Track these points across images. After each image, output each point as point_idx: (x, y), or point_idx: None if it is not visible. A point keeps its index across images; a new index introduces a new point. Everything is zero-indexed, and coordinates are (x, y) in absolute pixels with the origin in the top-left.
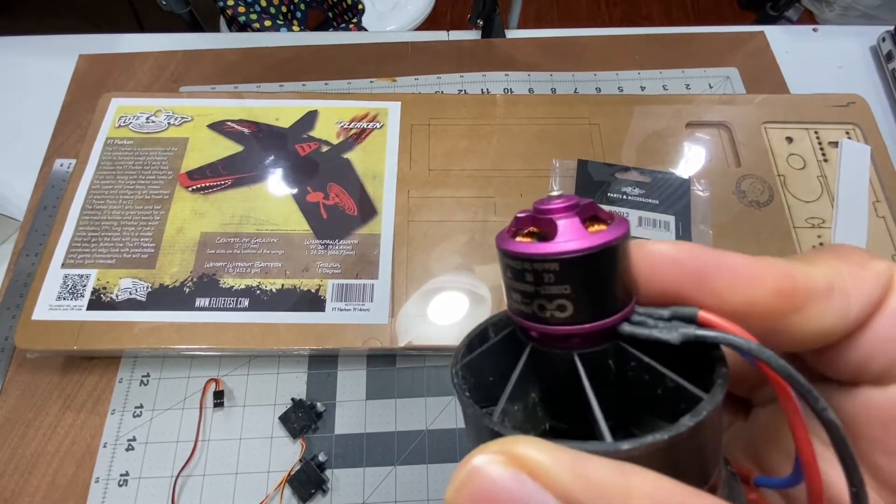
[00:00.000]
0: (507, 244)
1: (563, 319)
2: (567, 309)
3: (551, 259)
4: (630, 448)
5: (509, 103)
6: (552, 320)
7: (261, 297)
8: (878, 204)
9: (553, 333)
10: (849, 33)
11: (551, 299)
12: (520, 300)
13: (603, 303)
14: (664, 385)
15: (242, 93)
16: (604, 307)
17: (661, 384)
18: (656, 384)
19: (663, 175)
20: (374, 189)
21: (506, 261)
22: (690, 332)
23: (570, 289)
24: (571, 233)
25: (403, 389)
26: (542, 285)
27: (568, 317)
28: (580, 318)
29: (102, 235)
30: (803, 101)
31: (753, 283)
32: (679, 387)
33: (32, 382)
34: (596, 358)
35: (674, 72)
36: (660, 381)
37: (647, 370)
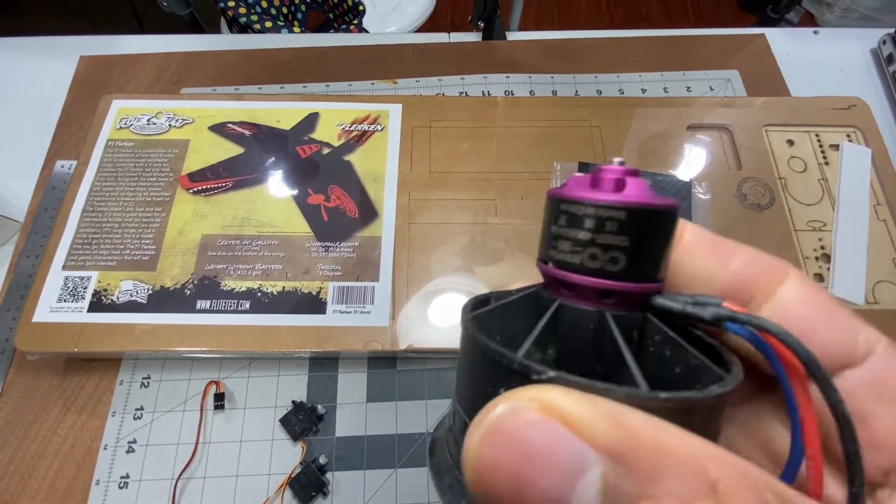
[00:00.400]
0: (574, 189)
1: (610, 273)
2: (619, 262)
3: (622, 207)
4: (666, 398)
5: (510, 105)
6: (598, 272)
7: (262, 300)
8: (878, 207)
9: (595, 286)
10: (849, 36)
11: (606, 249)
12: (568, 248)
13: (652, 266)
14: (685, 363)
15: (243, 94)
16: (651, 270)
17: (682, 362)
18: (676, 361)
19: (664, 178)
20: (375, 191)
21: (564, 206)
22: (723, 311)
23: (629, 241)
24: (640, 190)
25: (404, 392)
26: (602, 233)
27: (617, 271)
28: (629, 274)
29: (103, 237)
30: (804, 103)
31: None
32: (701, 366)
33: (33, 384)
34: (624, 323)
35: (675, 74)
36: (681, 359)
37: (671, 346)
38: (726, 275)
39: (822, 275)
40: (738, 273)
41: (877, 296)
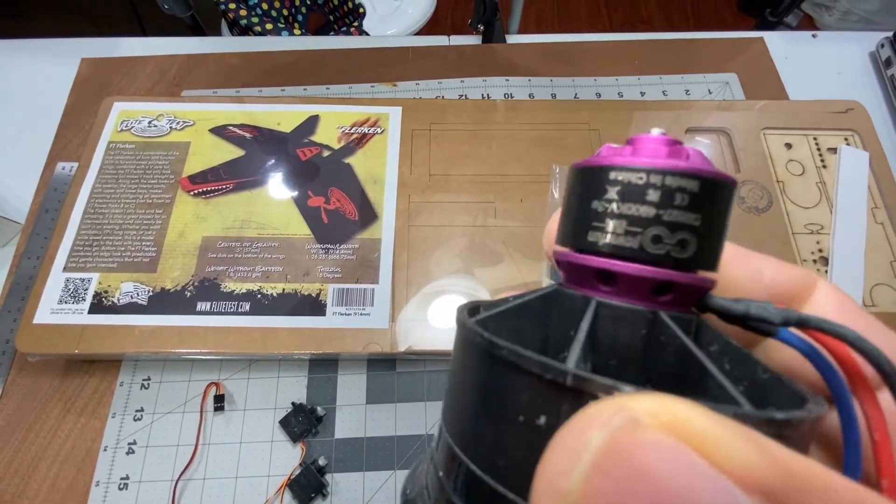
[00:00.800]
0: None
1: (677, 261)
2: (688, 247)
3: (695, 175)
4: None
5: (510, 108)
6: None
7: (262, 302)
8: (876, 210)
9: (656, 278)
10: (848, 39)
11: (675, 230)
12: (623, 229)
13: (717, 254)
14: (752, 378)
15: (244, 97)
16: (715, 260)
17: (749, 376)
18: (741, 376)
19: None
20: (375, 194)
21: (615, 175)
22: (793, 314)
23: (701, 220)
24: (703, 159)
25: (403, 394)
26: (670, 208)
27: (686, 258)
28: (696, 263)
29: (104, 239)
30: (802, 107)
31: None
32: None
33: (33, 386)
34: (682, 327)
35: (673, 77)
36: (747, 373)
37: (732, 357)
38: (759, 286)
39: None
40: (772, 283)
41: (874, 298)
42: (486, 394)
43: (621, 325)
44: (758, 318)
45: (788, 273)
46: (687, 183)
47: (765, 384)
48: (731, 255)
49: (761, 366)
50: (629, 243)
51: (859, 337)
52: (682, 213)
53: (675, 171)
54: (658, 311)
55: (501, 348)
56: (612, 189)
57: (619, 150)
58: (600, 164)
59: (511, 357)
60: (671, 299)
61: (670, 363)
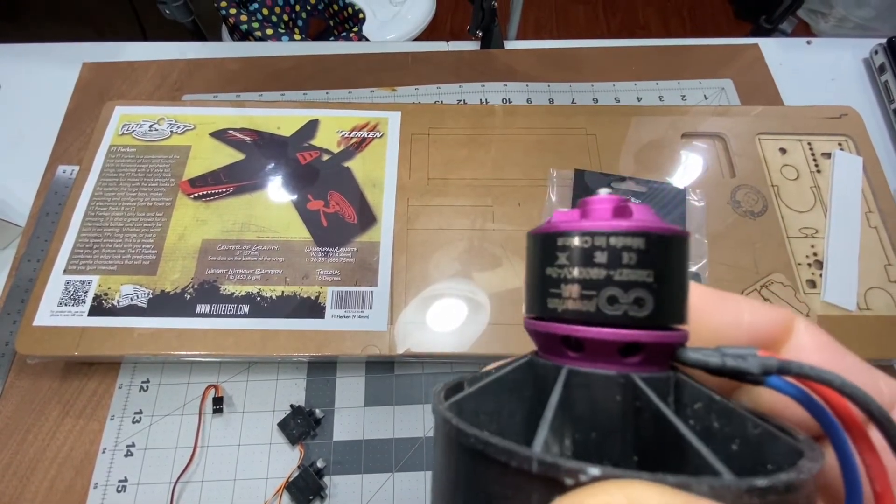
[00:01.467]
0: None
1: (637, 319)
2: (646, 304)
3: (640, 232)
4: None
5: (507, 113)
6: (621, 319)
7: (261, 304)
8: (870, 214)
9: (619, 340)
10: (842, 46)
11: (628, 288)
12: (577, 293)
13: (681, 307)
14: (743, 435)
15: (244, 102)
16: (680, 313)
17: (739, 434)
18: (731, 434)
19: (659, 185)
20: (374, 197)
21: (563, 240)
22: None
23: (654, 276)
24: (650, 214)
25: (402, 396)
26: (620, 268)
27: (645, 316)
28: (659, 319)
29: (104, 242)
30: (797, 112)
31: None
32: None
33: (32, 388)
34: (658, 389)
35: (670, 83)
36: (737, 430)
37: (719, 413)
38: (739, 331)
39: (814, 281)
40: (751, 328)
41: (868, 302)
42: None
43: (595, 392)
44: (735, 370)
45: (767, 315)
46: (632, 241)
47: (758, 439)
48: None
49: (751, 420)
50: (586, 307)
51: (844, 381)
52: (633, 272)
53: (618, 232)
54: (630, 373)
55: (468, 436)
56: (563, 255)
57: (568, 215)
58: (549, 230)
59: (478, 445)
60: (641, 360)
61: (650, 430)
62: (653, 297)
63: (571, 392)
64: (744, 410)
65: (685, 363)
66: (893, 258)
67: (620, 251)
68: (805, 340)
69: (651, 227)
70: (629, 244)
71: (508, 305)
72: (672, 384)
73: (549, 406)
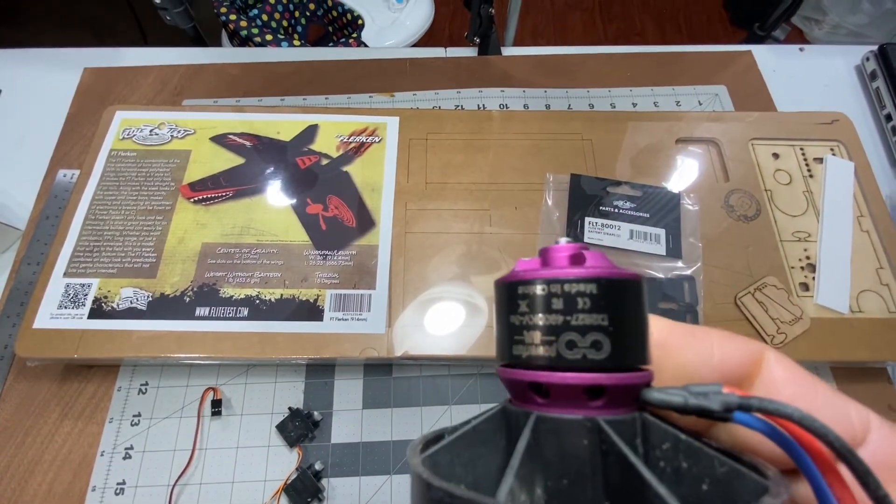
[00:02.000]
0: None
1: (596, 362)
2: (603, 346)
3: (591, 278)
4: None
5: (505, 119)
6: (582, 363)
7: (260, 307)
8: (862, 218)
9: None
10: (834, 53)
11: (585, 332)
12: (538, 339)
13: (640, 348)
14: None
15: (244, 107)
16: (640, 354)
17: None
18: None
19: (654, 189)
20: (373, 201)
21: (523, 289)
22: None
23: (609, 319)
24: (603, 260)
25: (399, 399)
26: (575, 313)
27: (604, 358)
28: (618, 360)
29: (105, 245)
30: (789, 118)
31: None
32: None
33: (31, 390)
34: (623, 431)
35: (664, 89)
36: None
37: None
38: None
39: (807, 284)
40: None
41: (860, 305)
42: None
43: (562, 437)
44: (697, 408)
45: (737, 350)
46: (585, 287)
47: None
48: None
49: (717, 459)
50: (548, 352)
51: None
52: (588, 316)
53: (571, 279)
54: (595, 417)
55: (436, 490)
56: (524, 302)
57: (529, 263)
58: (510, 280)
59: (445, 499)
60: (605, 402)
61: (617, 473)
62: (609, 340)
63: (540, 437)
64: (711, 449)
65: (650, 404)
66: (885, 261)
67: (575, 297)
68: (776, 374)
69: (602, 272)
70: (582, 290)
71: None
72: (639, 425)
73: (516, 453)
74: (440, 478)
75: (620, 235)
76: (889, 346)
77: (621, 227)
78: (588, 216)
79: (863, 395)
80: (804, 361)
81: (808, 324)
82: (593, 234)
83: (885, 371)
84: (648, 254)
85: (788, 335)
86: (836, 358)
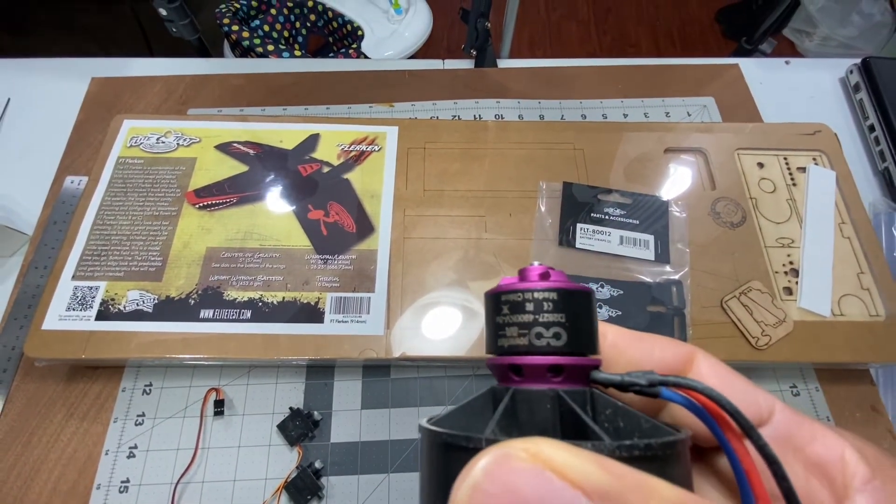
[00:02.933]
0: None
1: (557, 348)
2: (561, 336)
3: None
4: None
5: (500, 129)
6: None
7: (262, 309)
8: (843, 225)
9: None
10: (819, 66)
11: (549, 327)
12: (516, 333)
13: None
14: (639, 429)
15: (248, 116)
16: (590, 344)
17: (637, 428)
18: (631, 429)
19: (643, 197)
20: (372, 207)
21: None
22: (656, 376)
23: (565, 317)
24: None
25: (397, 399)
26: (542, 313)
27: (563, 345)
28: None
29: (112, 249)
30: (774, 129)
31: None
32: (654, 427)
33: (38, 391)
34: (577, 399)
35: (654, 100)
36: (635, 426)
37: (622, 415)
38: (650, 362)
39: (790, 288)
40: (660, 359)
41: (842, 308)
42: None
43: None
44: (629, 383)
45: (673, 350)
46: (548, 294)
47: (650, 432)
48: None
49: (644, 418)
50: (521, 342)
51: (705, 387)
52: (551, 315)
53: (539, 289)
54: (557, 389)
55: (439, 434)
56: (505, 307)
57: (511, 280)
58: (497, 291)
59: (443, 437)
60: (564, 378)
61: (570, 427)
62: (566, 332)
63: (516, 404)
64: (640, 413)
65: (598, 382)
66: (866, 267)
67: (542, 302)
68: (703, 369)
69: (562, 286)
70: (547, 297)
71: None
72: (588, 397)
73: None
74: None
75: (611, 241)
76: (869, 348)
77: (612, 234)
78: (580, 222)
79: (846, 396)
80: (787, 362)
81: (792, 326)
82: (585, 239)
83: (868, 373)
84: (638, 259)
85: (773, 337)
86: (819, 359)
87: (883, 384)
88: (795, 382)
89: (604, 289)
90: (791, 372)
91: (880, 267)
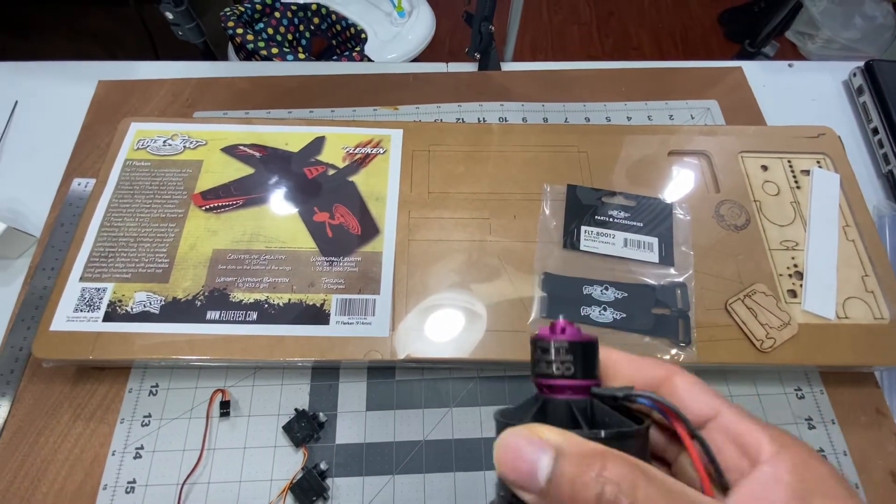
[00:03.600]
0: (547, 336)
1: (569, 375)
2: (571, 368)
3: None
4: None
5: (504, 131)
6: (563, 375)
7: (268, 311)
8: (847, 228)
9: (562, 385)
10: (822, 69)
11: (564, 363)
12: (545, 367)
13: (590, 369)
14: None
15: (253, 119)
16: (590, 372)
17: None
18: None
19: (647, 200)
20: (377, 210)
21: (543, 344)
22: (632, 391)
23: (573, 357)
24: (574, 331)
25: (402, 401)
26: (560, 354)
27: (572, 374)
28: (578, 375)
29: (119, 251)
30: (777, 132)
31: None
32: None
33: (45, 392)
34: (580, 405)
35: (658, 103)
36: (614, 423)
37: (609, 417)
38: (641, 378)
39: (795, 291)
40: (650, 377)
41: (847, 311)
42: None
43: (554, 407)
44: (611, 395)
45: (656, 370)
46: (562, 344)
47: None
48: (622, 362)
49: (623, 419)
50: (548, 370)
51: (654, 395)
52: (565, 355)
53: (556, 340)
54: (569, 399)
55: (497, 416)
56: (539, 349)
57: (545, 330)
58: (536, 339)
59: (500, 418)
60: (572, 393)
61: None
62: (574, 366)
63: (546, 408)
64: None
65: (596, 395)
66: (870, 269)
67: (559, 348)
68: (678, 382)
69: (573, 339)
70: (563, 345)
71: (505, 312)
72: (589, 405)
73: (533, 409)
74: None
75: (615, 244)
76: (874, 350)
77: (616, 236)
78: (584, 225)
79: (851, 399)
80: (792, 365)
81: (796, 329)
82: (589, 242)
83: (873, 375)
84: (642, 261)
85: (777, 340)
86: (823, 362)
87: (888, 387)
88: (800, 385)
89: (608, 291)
90: (796, 375)
91: (884, 269)
